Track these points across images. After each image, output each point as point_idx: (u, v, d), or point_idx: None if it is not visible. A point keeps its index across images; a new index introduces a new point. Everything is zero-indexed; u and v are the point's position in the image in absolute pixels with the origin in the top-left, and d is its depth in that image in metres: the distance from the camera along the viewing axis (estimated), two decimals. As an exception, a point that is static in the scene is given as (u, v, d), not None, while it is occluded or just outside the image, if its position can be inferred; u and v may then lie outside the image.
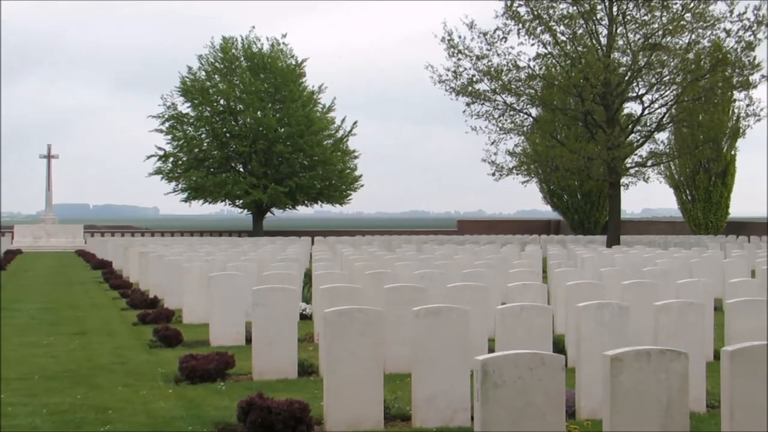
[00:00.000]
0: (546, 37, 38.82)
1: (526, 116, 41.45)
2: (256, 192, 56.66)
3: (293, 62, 61.30)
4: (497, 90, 39.22)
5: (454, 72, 39.35)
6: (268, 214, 62.51)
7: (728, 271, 21.16)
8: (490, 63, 38.92)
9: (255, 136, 57.74)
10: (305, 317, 17.47)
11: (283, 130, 58.21)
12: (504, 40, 38.82)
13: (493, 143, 41.48)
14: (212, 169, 59.10)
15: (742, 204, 76.50)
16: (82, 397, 10.60)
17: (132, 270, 28.20)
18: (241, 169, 59.79)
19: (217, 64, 60.15)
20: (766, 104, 40.21)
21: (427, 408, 9.15)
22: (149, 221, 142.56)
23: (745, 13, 37.29)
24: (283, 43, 61.39)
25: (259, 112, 57.92)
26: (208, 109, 59.08)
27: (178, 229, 68.17)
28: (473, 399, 6.41)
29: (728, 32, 37.88)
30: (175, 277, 20.24)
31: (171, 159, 59.16)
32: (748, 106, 40.33)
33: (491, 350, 10.96)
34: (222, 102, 59.41)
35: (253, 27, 66.59)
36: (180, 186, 59.32)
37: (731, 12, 37.50)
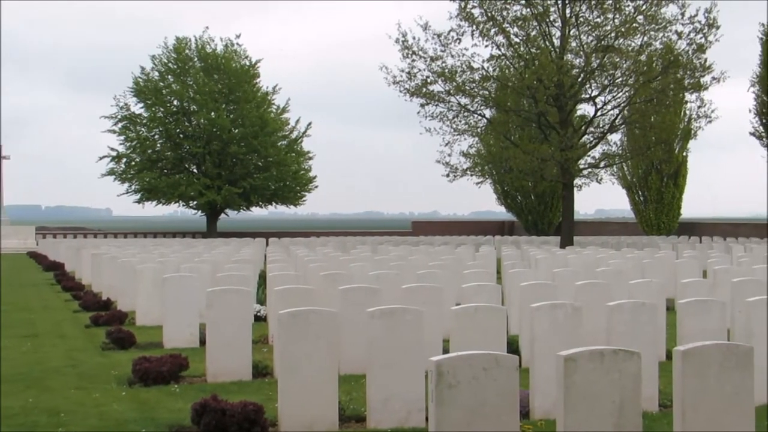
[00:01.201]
0: (500, 38, 38.98)
1: (480, 117, 41.56)
2: (210, 193, 56.41)
3: (247, 63, 61.13)
4: (451, 91, 39.30)
5: (409, 73, 39.38)
6: (222, 215, 62.26)
7: (680, 271, 21.35)
8: (444, 64, 39.01)
9: (209, 137, 57.48)
10: (260, 319, 17.42)
11: (237, 131, 58.00)
12: (458, 41, 38.94)
13: (447, 144, 41.59)
14: (165, 170, 58.75)
15: (693, 205, 77.36)
16: (34, 400, 10.49)
17: (85, 272, 27.97)
18: (195, 170, 59.49)
19: (170, 64, 59.82)
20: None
21: (382, 409, 9.15)
22: (102, 223, 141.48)
23: (696, 15, 37.70)
24: (237, 43, 61.31)
25: (212, 113, 57.67)
26: (162, 109, 58.75)
27: (131, 230, 67.70)
28: (428, 399, 6.42)
29: (680, 35, 38.26)
30: (128, 278, 20.09)
31: (124, 160, 58.74)
32: (699, 107, 40.76)
33: (446, 351, 10.98)
34: (175, 102, 59.09)
35: (207, 27, 66.33)
36: (133, 187, 58.90)
37: (683, 15, 37.89)
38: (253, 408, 8.87)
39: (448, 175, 42.66)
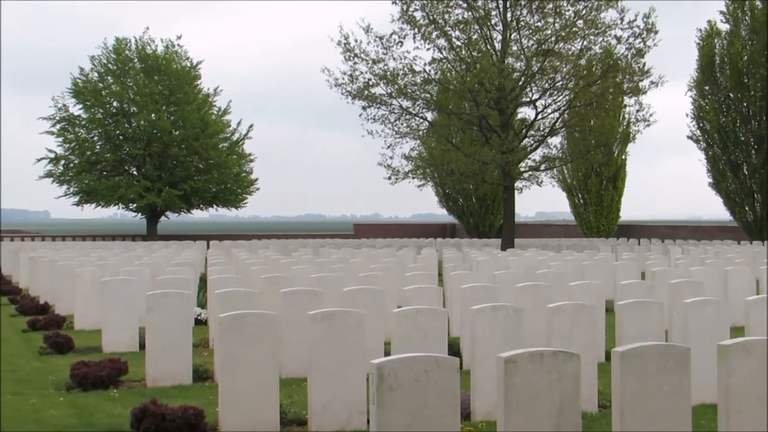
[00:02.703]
0: (441, 41, 39.07)
1: (421, 120, 41.61)
2: (150, 195, 55.95)
3: (188, 64, 60.75)
4: (393, 94, 39.33)
5: (350, 76, 39.34)
6: (163, 217, 61.77)
7: (619, 273, 21.54)
8: (386, 67, 39.03)
9: (149, 139, 57.03)
10: (200, 322, 17.33)
11: (177, 132, 57.59)
12: (400, 44, 38.98)
13: (389, 147, 41.62)
14: (105, 172, 58.14)
15: (632, 207, 78.14)
16: (-30, 406, 10.34)
17: (22, 275, 27.63)
18: (135, 172, 58.97)
19: (110, 65, 59.24)
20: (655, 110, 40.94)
21: (323, 412, 9.13)
22: (40, 225, 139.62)
23: (635, 20, 38.09)
24: (178, 45, 60.87)
25: (153, 115, 57.21)
26: (101, 111, 58.14)
27: (70, 233, 66.85)
28: (369, 402, 6.41)
29: (619, 39, 38.65)
30: (66, 282, 19.88)
31: (62, 162, 58.02)
32: (638, 111, 41.20)
33: (387, 353, 10.99)
34: (115, 104, 58.52)
35: (147, 28, 65.76)
36: (72, 189, 58.22)
37: (622, 19, 38.26)
38: (193, 412, 8.82)
39: (389, 178, 42.72)
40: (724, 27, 47.88)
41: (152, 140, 56.90)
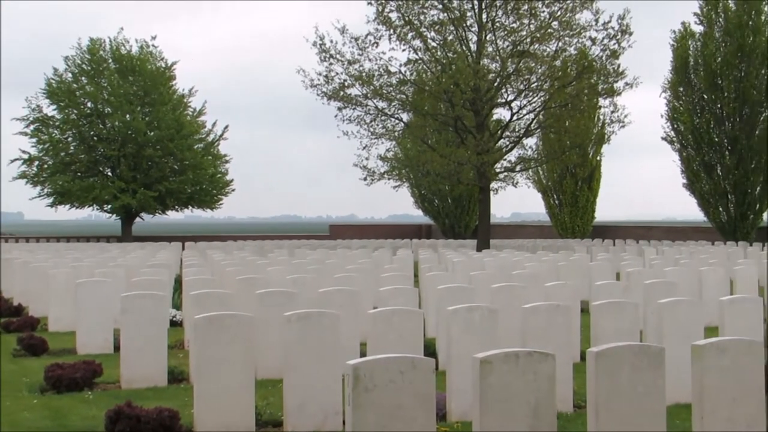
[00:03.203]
0: (417, 42, 39.10)
1: (397, 121, 41.62)
2: (125, 197, 55.66)
3: (163, 65, 60.49)
4: (368, 95, 39.32)
5: (326, 76, 39.30)
6: (138, 219, 61.46)
7: (594, 273, 21.64)
8: (361, 68, 39.01)
9: (124, 140, 56.72)
10: (175, 324, 17.28)
11: (152, 133, 57.30)
12: (375, 45, 38.97)
13: (364, 148, 41.61)
14: (79, 173, 57.78)
15: (607, 208, 78.46)
16: (-58, 408, 10.27)
17: (-5, 277, 27.42)
18: (110, 173, 58.60)
19: (84, 65, 58.87)
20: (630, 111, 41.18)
21: (298, 413, 9.12)
22: (13, 227, 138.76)
23: (609, 22, 38.24)
24: (153, 45, 60.58)
25: (127, 116, 56.88)
26: (75, 111, 57.77)
27: (44, 234, 66.45)
28: (345, 403, 6.41)
29: (594, 41, 38.78)
30: (40, 284, 19.78)
31: (36, 163, 57.62)
32: (612, 112, 41.40)
33: (363, 354, 10.99)
34: (89, 105, 58.15)
35: (122, 28, 65.37)
36: (46, 190, 57.83)
37: (596, 21, 38.38)
38: (168, 414, 8.79)
39: (365, 179, 42.73)
40: (698, 29, 48.13)
41: (127, 141, 56.60)
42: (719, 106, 46.67)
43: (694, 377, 7.14)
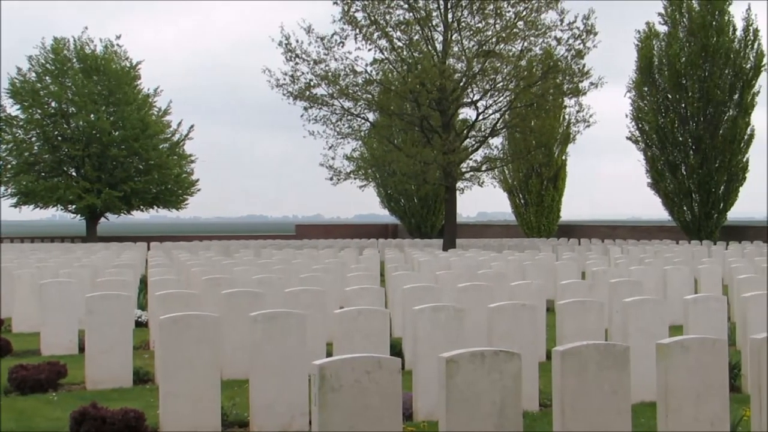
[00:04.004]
0: (383, 42, 39.13)
1: (363, 121, 41.65)
2: (90, 197, 55.33)
3: (127, 64, 60.18)
4: (334, 94, 39.31)
5: (292, 76, 39.24)
6: (103, 219, 61.11)
7: (560, 272, 21.71)
8: (327, 68, 38.99)
9: (88, 140, 56.37)
10: (141, 324, 17.20)
11: (117, 133, 56.98)
12: (341, 44, 38.97)
13: (330, 148, 41.60)
14: (43, 174, 57.37)
15: (572, 207, 78.82)
16: None
17: (-42, 278, 27.17)
18: (74, 173, 58.23)
19: (48, 65, 58.47)
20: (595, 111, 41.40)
21: (265, 414, 9.09)
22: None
23: (574, 22, 38.42)
24: (117, 44, 60.25)
25: (92, 115, 56.55)
26: (39, 111, 57.34)
27: (8, 235, 65.83)
28: (311, 404, 6.40)
29: (559, 41, 38.95)
30: (4, 284, 19.60)
31: (-1, 163, 57.23)
32: (578, 112, 41.57)
33: (330, 354, 10.97)
34: (53, 104, 57.75)
35: (86, 28, 64.98)
36: (9, 191, 57.40)
37: (562, 21, 38.57)
38: (133, 415, 8.74)
39: (331, 179, 42.72)
40: (663, 29, 48.48)
41: (91, 141, 56.26)
42: (683, 105, 47.02)
43: (658, 376, 7.18)
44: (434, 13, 39.44)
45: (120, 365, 11.75)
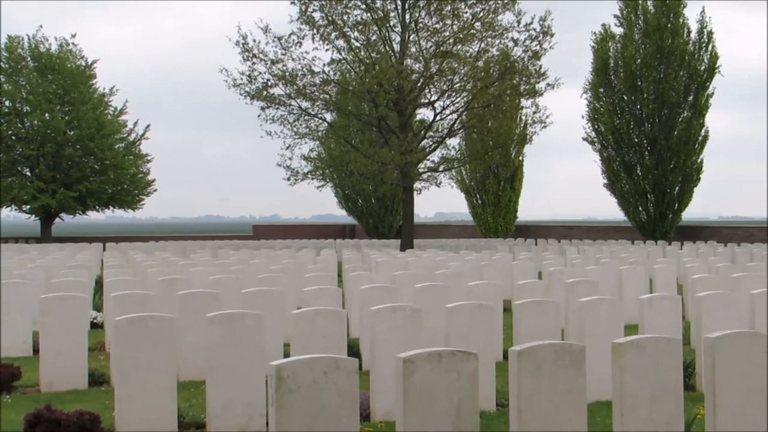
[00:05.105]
0: (340, 42, 39.10)
1: (320, 121, 41.61)
2: (44, 197, 54.80)
3: (83, 63, 59.67)
4: (292, 95, 39.20)
5: (249, 76, 39.10)
6: (58, 219, 60.58)
7: (516, 273, 21.81)
8: (284, 67, 38.87)
9: (43, 139, 55.83)
10: (96, 326, 17.07)
11: (72, 133, 56.47)
12: (299, 44, 38.89)
13: (288, 148, 41.50)
14: (-3, 173, 56.79)
15: (529, 208, 79.19)
16: None
17: None
18: (29, 173, 57.66)
19: (1, 63, 57.84)
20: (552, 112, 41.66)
21: (222, 415, 9.06)
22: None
23: (531, 23, 38.56)
24: (73, 43, 59.70)
25: (47, 115, 55.99)
26: (-7, 110, 56.74)
27: (-39, 235, 65.20)
28: (268, 404, 6.38)
29: (516, 42, 39.08)
30: (-44, 286, 19.37)
31: (-48, 163, 56.52)
32: (534, 113, 41.79)
33: (287, 355, 10.95)
34: (7, 103, 57.15)
35: (41, 26, 64.39)
36: (-39, 191, 56.73)
37: (519, 22, 38.68)
38: (89, 417, 8.68)
39: (289, 179, 42.64)
40: (618, 31, 48.80)
41: (46, 140, 55.73)
42: (639, 107, 47.39)
43: (614, 375, 7.23)
44: (392, 14, 39.44)
45: (75, 367, 11.66)
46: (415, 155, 39.03)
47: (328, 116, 42.56)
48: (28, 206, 56.93)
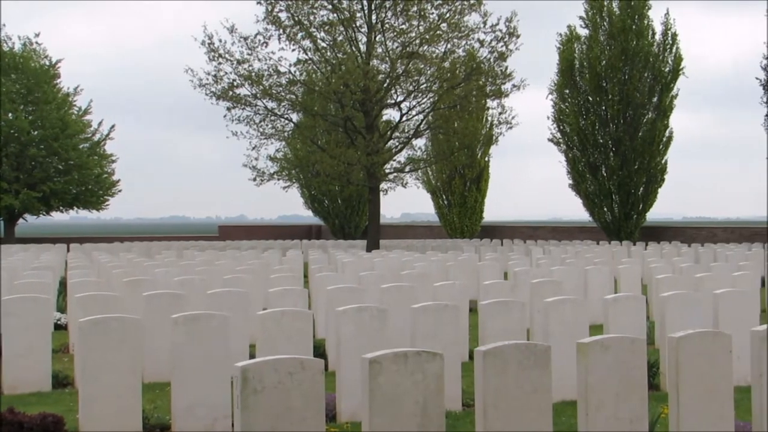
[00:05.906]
0: (306, 43, 39.02)
1: (287, 121, 41.53)
2: (7, 197, 54.38)
3: (47, 63, 59.25)
4: (258, 95, 39.10)
5: (215, 76, 38.96)
6: (21, 220, 60.13)
7: (482, 273, 21.85)
8: (250, 68, 38.76)
9: (6, 139, 55.38)
10: (60, 327, 16.97)
11: (36, 132, 56.07)
12: (265, 45, 38.78)
13: (254, 148, 41.38)
14: (-41, 174, 56.29)
15: (495, 209, 79.46)
16: None
17: None
18: (-8, 174, 57.23)
19: (-36, 63, 57.38)
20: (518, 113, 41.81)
21: (187, 416, 9.02)
22: None
23: (497, 24, 38.64)
24: (36, 42, 59.28)
25: (10, 114, 55.58)
26: (-45, 110, 56.23)
27: None
28: (234, 405, 6.36)
29: (482, 43, 39.16)
30: None
31: None
32: (500, 114, 41.84)
33: (253, 356, 10.92)
34: (-30, 103, 56.69)
35: (4, 25, 63.91)
36: None
37: (485, 23, 38.76)
38: (52, 420, 8.62)
39: (255, 179, 42.55)
40: (584, 32, 48.99)
41: (9, 140, 55.30)
42: (604, 108, 47.59)
43: (579, 374, 7.26)
44: (358, 14, 39.43)
45: (38, 369, 11.58)
46: (381, 156, 39.05)
47: (295, 117, 42.56)
48: (-10, 207, 56.43)
